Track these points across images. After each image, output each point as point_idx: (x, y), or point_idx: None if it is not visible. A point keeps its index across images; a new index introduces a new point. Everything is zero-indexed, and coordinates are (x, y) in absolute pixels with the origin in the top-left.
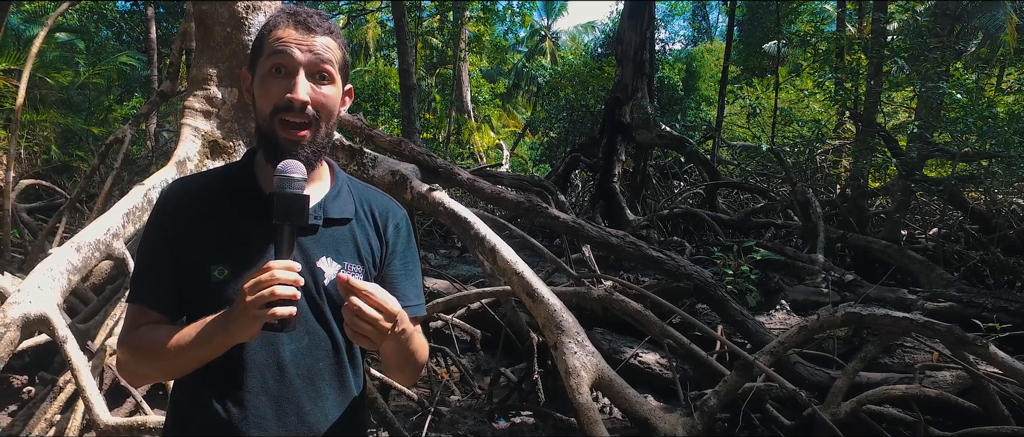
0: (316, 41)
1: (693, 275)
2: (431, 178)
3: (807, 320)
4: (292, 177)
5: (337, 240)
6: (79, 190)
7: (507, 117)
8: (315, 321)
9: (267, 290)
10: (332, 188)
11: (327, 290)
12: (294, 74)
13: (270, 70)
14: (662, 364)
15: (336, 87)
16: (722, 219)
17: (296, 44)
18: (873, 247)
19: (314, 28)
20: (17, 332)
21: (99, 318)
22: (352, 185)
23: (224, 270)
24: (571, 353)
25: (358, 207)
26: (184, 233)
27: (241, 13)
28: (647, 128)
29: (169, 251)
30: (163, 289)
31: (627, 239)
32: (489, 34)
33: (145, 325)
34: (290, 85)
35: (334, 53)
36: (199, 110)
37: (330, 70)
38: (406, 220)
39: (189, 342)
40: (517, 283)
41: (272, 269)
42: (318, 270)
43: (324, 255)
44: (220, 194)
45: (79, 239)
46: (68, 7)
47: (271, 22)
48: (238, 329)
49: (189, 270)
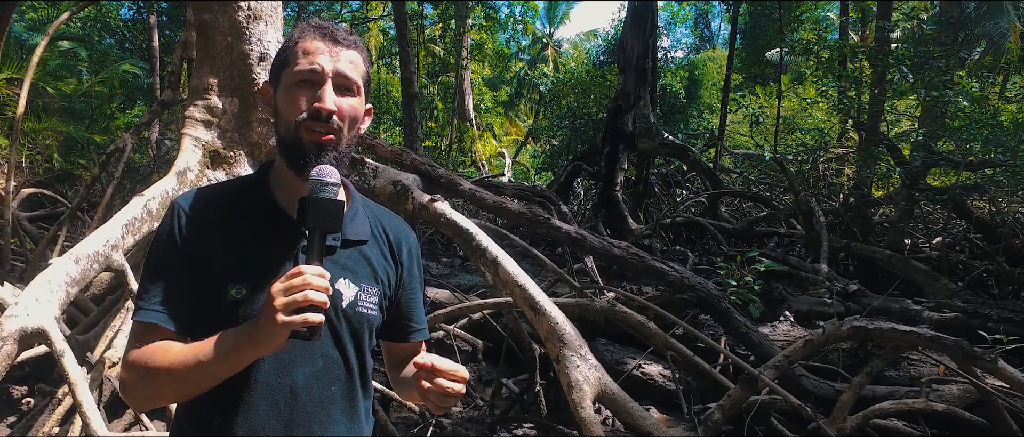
0: (342, 54)
1: (697, 287)
2: (433, 188)
3: (813, 334)
4: (326, 181)
5: (354, 262)
6: (80, 199)
7: (509, 125)
8: (332, 344)
9: (300, 294)
10: (349, 208)
11: (345, 313)
12: (321, 84)
13: (297, 81)
14: (665, 375)
15: (360, 100)
16: (725, 228)
17: (324, 55)
18: (877, 257)
19: (341, 41)
20: (14, 346)
21: (98, 329)
22: (366, 205)
23: (242, 289)
24: (574, 367)
25: (373, 228)
26: (197, 248)
27: (242, 23)
28: (650, 136)
29: (180, 266)
30: (173, 305)
31: (630, 250)
32: (491, 42)
33: (153, 343)
34: (317, 95)
35: (360, 67)
36: (200, 120)
37: (357, 83)
38: (417, 243)
39: (208, 356)
40: (519, 296)
41: (304, 273)
42: (336, 292)
43: (342, 276)
44: (235, 209)
45: (78, 251)
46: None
47: (297, 34)
48: (265, 337)
49: (203, 288)
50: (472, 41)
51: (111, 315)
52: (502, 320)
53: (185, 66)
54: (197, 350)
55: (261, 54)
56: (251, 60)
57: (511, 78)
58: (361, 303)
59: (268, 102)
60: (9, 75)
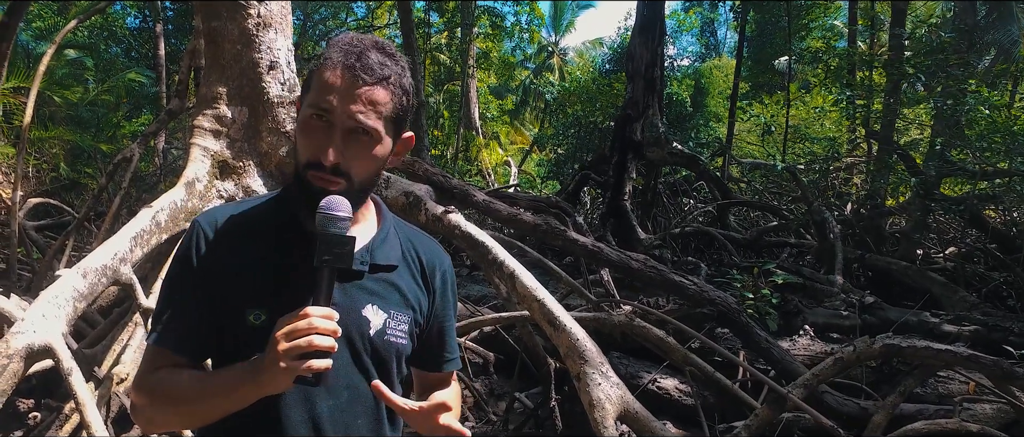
0: (362, 94)
1: (717, 301)
2: (445, 199)
3: (843, 351)
4: (336, 216)
5: (383, 287)
6: (87, 209)
7: (515, 133)
8: (358, 375)
9: (304, 340)
10: (379, 231)
11: (372, 342)
12: (332, 128)
13: (310, 116)
14: (681, 390)
15: (381, 144)
16: (734, 238)
17: (338, 95)
18: (893, 268)
19: (363, 76)
20: (21, 363)
21: (106, 343)
22: (398, 227)
23: (261, 315)
24: (595, 385)
25: (404, 252)
26: (217, 271)
27: (252, 30)
28: (658, 145)
29: (198, 289)
30: (188, 330)
31: (648, 263)
32: (497, 50)
33: (165, 368)
34: (325, 142)
35: (383, 106)
36: (208, 129)
37: (373, 128)
38: (451, 268)
39: (213, 390)
40: (538, 310)
41: (310, 316)
42: (363, 319)
43: (370, 303)
44: (257, 229)
45: (86, 264)
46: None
47: (324, 57)
48: (268, 380)
49: (222, 313)
50: (478, 49)
51: (119, 329)
52: (514, 332)
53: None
54: (203, 383)
55: (271, 62)
56: (260, 68)
57: (516, 86)
58: (390, 331)
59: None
60: (16, 84)
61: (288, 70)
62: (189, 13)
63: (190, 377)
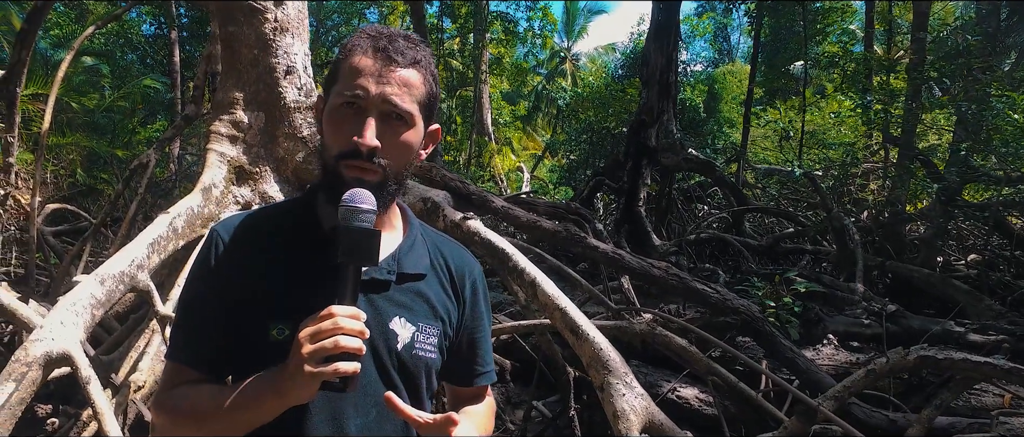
0: (396, 75)
1: (740, 310)
2: (463, 205)
3: (875, 363)
4: (359, 208)
5: (411, 298)
6: (104, 214)
7: (527, 139)
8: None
9: (329, 340)
10: (406, 238)
11: (400, 355)
12: (365, 113)
13: (340, 104)
14: (701, 399)
15: (415, 130)
16: (750, 244)
17: (371, 77)
18: (915, 276)
19: (395, 58)
20: (39, 371)
21: (122, 350)
22: (425, 234)
23: (285, 329)
24: (619, 395)
25: (432, 260)
26: (237, 283)
27: (268, 35)
28: (673, 151)
29: (219, 302)
30: (207, 345)
31: (670, 271)
32: (510, 56)
33: (184, 385)
34: (360, 126)
35: (416, 90)
36: (225, 135)
37: (408, 111)
38: (482, 276)
39: (234, 405)
40: (560, 319)
41: (335, 316)
42: (391, 332)
43: (397, 315)
44: (279, 237)
45: (103, 271)
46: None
47: (350, 45)
48: (292, 387)
49: (243, 326)
50: (491, 55)
51: (135, 336)
52: (531, 340)
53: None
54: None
55: (288, 67)
56: (277, 73)
57: (529, 92)
58: (418, 345)
59: (319, 118)
60: (35, 91)
61: (305, 75)
62: (204, 20)
63: (210, 392)
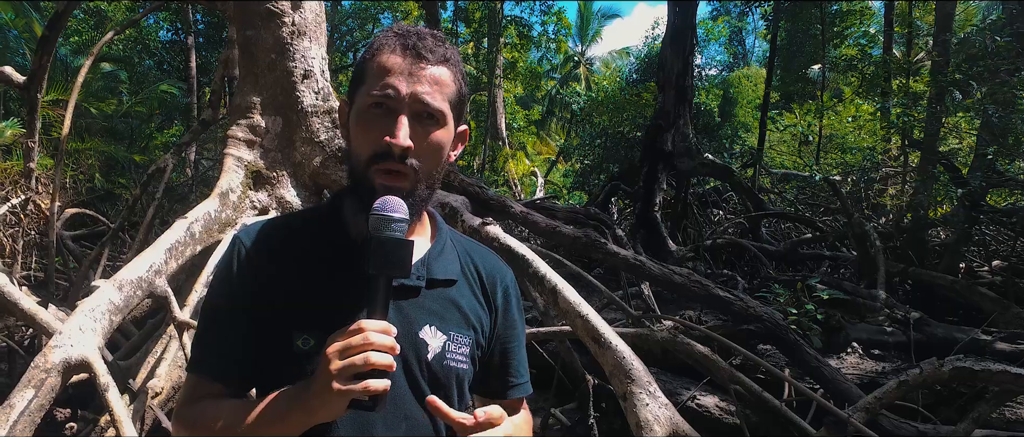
0: (426, 72)
1: (764, 317)
2: (482, 211)
3: (908, 374)
4: (392, 218)
5: (442, 305)
6: (122, 219)
7: (541, 144)
8: (416, 404)
9: (359, 357)
10: (435, 243)
11: (430, 366)
12: (396, 113)
13: (369, 106)
14: (722, 408)
15: (446, 130)
16: (767, 250)
17: (401, 76)
18: (939, 283)
19: (425, 55)
20: (58, 378)
21: (140, 355)
22: (455, 239)
23: (309, 340)
24: (643, 405)
25: (463, 265)
26: (262, 292)
27: (286, 39)
28: (689, 156)
29: (241, 312)
30: (230, 357)
31: (692, 278)
32: (524, 61)
33: (206, 398)
34: (391, 126)
35: (447, 88)
36: (242, 139)
37: (440, 110)
38: (515, 283)
39: (258, 420)
40: (581, 327)
41: (365, 331)
42: (421, 342)
43: (428, 323)
44: (304, 245)
45: (121, 276)
46: (113, 36)
47: (376, 44)
48: (320, 405)
49: (267, 337)
50: (505, 60)
51: (153, 340)
52: (548, 346)
53: (225, 85)
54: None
55: (305, 71)
56: (295, 77)
57: (542, 97)
58: (449, 355)
59: (344, 124)
60: (55, 97)
61: (322, 79)
62: (220, 25)
63: (232, 407)
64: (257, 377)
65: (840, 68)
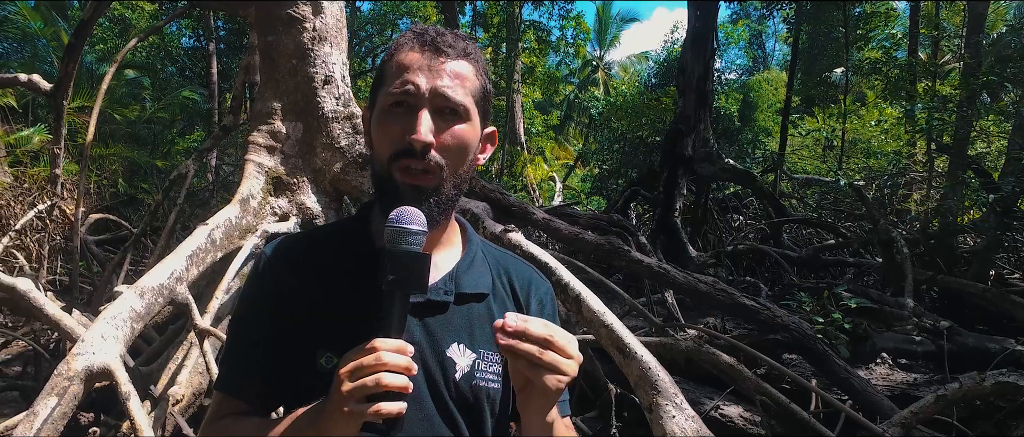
0: (446, 67)
1: (791, 327)
2: (503, 217)
3: (947, 388)
4: (408, 229)
5: (471, 322)
6: (144, 224)
7: (559, 149)
8: (443, 426)
9: (370, 378)
10: (465, 255)
11: (458, 386)
12: (416, 109)
13: (390, 105)
14: (746, 418)
15: (471, 125)
16: (789, 256)
17: (421, 71)
18: (969, 291)
19: (445, 50)
20: (81, 386)
21: (161, 361)
22: (487, 250)
23: (333, 357)
24: (669, 417)
25: (495, 278)
26: (285, 308)
27: (307, 44)
28: (710, 161)
29: (267, 330)
30: (253, 376)
31: (717, 286)
32: (542, 65)
33: (230, 416)
34: (412, 123)
35: (469, 82)
36: (263, 145)
37: (462, 104)
38: (551, 294)
39: None
40: (606, 336)
41: (379, 351)
42: (448, 360)
43: (456, 341)
44: (331, 259)
45: (143, 283)
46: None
47: (396, 44)
48: (332, 428)
49: (291, 354)
50: (523, 64)
51: (174, 347)
52: None
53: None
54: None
55: (326, 76)
56: (315, 83)
57: (561, 101)
58: (479, 374)
59: (367, 130)
60: (80, 104)
61: (343, 84)
62: (241, 32)
63: (255, 426)
64: (283, 395)
65: (864, 71)
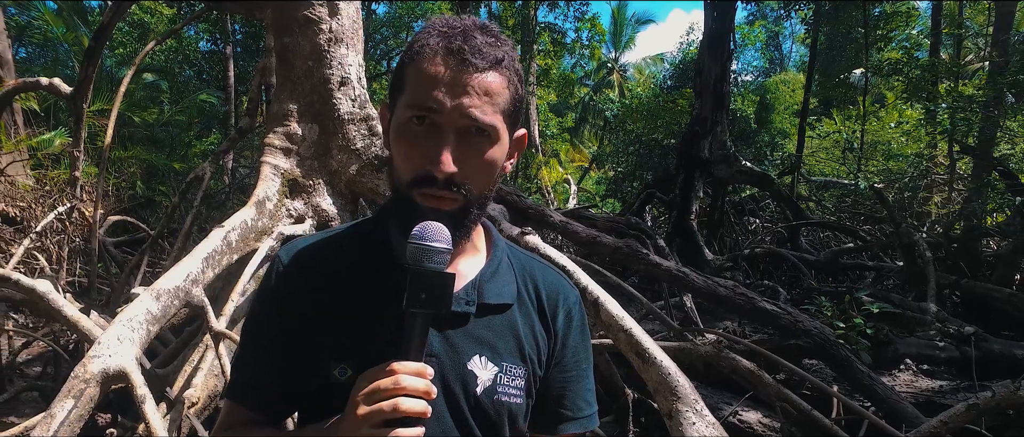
0: (475, 82)
1: (813, 332)
2: (520, 220)
3: (979, 397)
4: (432, 248)
5: (494, 333)
6: (161, 226)
7: (574, 151)
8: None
9: (388, 403)
10: (489, 262)
11: (479, 400)
12: (440, 131)
13: (409, 118)
14: (765, 424)
15: (499, 145)
16: (807, 260)
17: (445, 87)
18: (994, 295)
19: (473, 61)
20: (97, 388)
21: (177, 363)
22: (513, 255)
23: (346, 370)
24: (689, 424)
25: (520, 287)
26: (301, 317)
27: (323, 46)
28: (727, 163)
29: (276, 338)
30: (262, 385)
31: (737, 290)
32: (557, 67)
33: (240, 426)
34: (434, 148)
35: (499, 97)
36: (279, 147)
37: (490, 125)
38: (579, 304)
39: None
40: (624, 341)
41: (397, 374)
42: (469, 374)
43: (478, 353)
44: (346, 267)
45: (159, 286)
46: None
47: (418, 45)
48: None
49: (304, 364)
50: (538, 66)
51: (190, 349)
52: None
53: (262, 93)
54: None
55: (342, 78)
56: (331, 85)
57: (576, 104)
58: (501, 388)
59: (385, 130)
60: (100, 107)
61: (359, 86)
62: (258, 35)
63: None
64: (295, 405)
65: (883, 72)
